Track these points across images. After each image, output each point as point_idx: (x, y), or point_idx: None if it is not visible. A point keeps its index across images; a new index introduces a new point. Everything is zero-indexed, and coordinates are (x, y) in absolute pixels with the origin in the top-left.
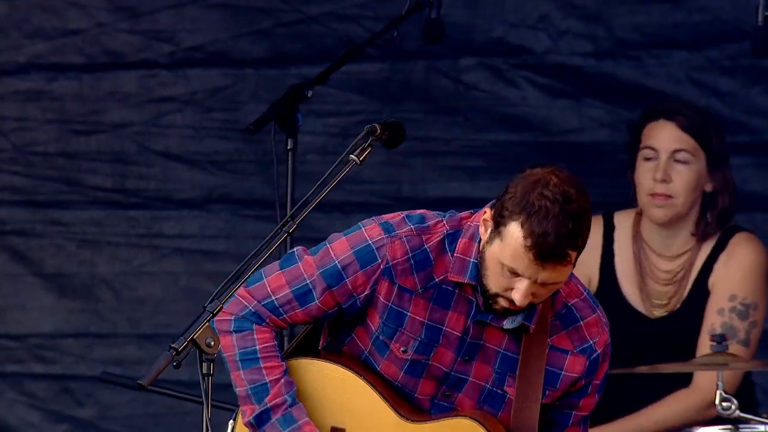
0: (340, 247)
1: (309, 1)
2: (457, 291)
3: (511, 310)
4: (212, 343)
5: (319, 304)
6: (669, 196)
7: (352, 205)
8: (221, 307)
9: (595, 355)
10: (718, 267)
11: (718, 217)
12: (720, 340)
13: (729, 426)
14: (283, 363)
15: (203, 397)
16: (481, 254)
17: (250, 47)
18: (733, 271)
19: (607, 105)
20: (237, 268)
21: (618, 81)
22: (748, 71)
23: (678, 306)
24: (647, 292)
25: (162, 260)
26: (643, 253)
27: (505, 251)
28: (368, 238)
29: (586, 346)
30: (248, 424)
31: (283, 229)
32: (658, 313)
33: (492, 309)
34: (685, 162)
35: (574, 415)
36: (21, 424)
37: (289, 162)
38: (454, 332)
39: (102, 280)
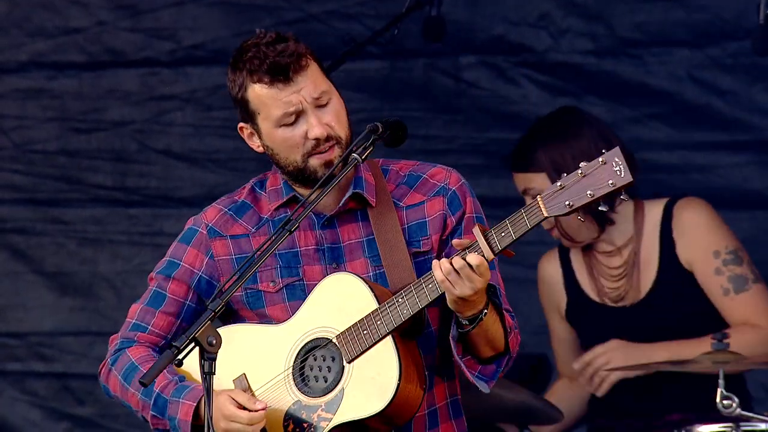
0: (170, 247)
1: None
2: (290, 215)
3: (329, 169)
4: (214, 341)
5: (170, 296)
6: (551, 229)
7: None
8: (223, 305)
9: (450, 192)
10: (678, 239)
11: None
12: (721, 338)
13: (730, 424)
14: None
15: (205, 395)
16: (267, 149)
17: None
18: (698, 235)
19: (608, 103)
20: (240, 266)
21: (619, 79)
22: (749, 69)
23: (646, 293)
24: (602, 290)
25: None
26: (593, 255)
27: (267, 111)
28: (187, 225)
29: (438, 188)
30: (155, 423)
31: (285, 227)
32: (618, 305)
33: (313, 179)
34: (534, 196)
35: None
36: (22, 422)
37: None
38: (309, 247)
39: (103, 278)
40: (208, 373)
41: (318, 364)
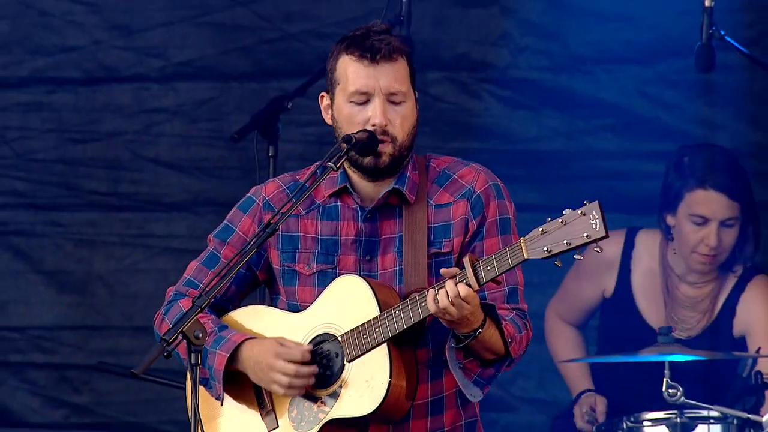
0: (230, 211)
1: (290, 20)
2: (339, 204)
3: (375, 161)
4: (200, 335)
5: (223, 260)
6: (714, 256)
7: None
8: (209, 302)
9: (475, 195)
10: (741, 310)
11: (744, 257)
12: (666, 332)
13: (674, 411)
14: (212, 315)
15: (192, 384)
16: (333, 121)
17: (234, 62)
18: (763, 315)
19: (562, 116)
20: (224, 265)
21: (573, 93)
22: (692, 84)
23: (697, 333)
24: (673, 315)
25: (153, 258)
26: (669, 277)
27: (345, 82)
28: (248, 194)
29: (464, 191)
30: (201, 372)
31: (266, 230)
32: (680, 335)
33: (359, 166)
34: (731, 226)
35: None
36: (23, 409)
37: (271, 168)
38: (349, 237)
39: (98, 276)
40: (194, 365)
41: (325, 357)
